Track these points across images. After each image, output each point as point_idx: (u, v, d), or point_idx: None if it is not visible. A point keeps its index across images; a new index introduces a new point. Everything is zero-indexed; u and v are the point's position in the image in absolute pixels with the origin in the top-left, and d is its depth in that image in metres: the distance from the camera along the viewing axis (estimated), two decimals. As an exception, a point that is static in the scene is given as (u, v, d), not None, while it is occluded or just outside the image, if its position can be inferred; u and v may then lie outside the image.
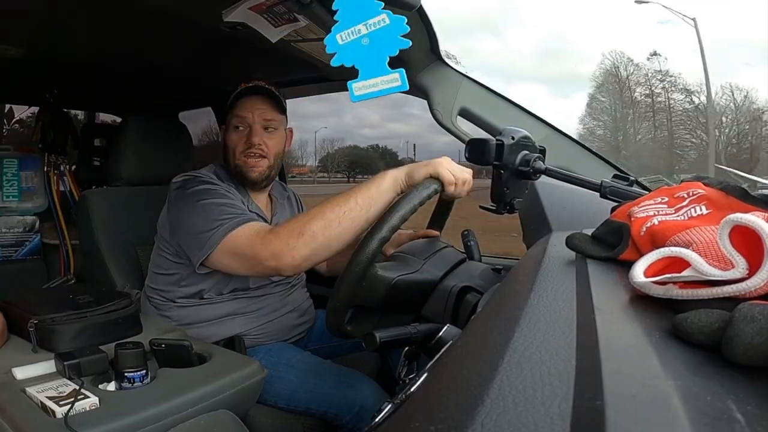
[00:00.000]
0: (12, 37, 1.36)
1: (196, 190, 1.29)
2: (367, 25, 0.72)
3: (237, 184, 1.42)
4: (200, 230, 1.22)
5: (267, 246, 1.12)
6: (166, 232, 1.36)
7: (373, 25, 0.71)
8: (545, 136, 1.36)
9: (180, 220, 1.30)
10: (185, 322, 1.35)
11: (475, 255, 1.17)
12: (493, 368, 0.30)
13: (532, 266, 0.57)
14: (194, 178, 1.34)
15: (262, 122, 1.39)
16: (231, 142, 1.40)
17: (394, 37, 0.71)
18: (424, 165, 1.08)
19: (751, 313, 0.28)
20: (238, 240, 1.17)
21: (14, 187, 2.17)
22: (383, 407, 0.71)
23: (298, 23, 1.08)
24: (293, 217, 1.21)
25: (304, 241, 1.09)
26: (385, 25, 0.71)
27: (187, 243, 1.27)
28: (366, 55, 0.72)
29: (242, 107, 1.38)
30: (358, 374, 1.31)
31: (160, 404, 0.94)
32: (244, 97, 1.39)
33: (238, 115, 1.38)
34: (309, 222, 1.10)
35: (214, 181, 1.34)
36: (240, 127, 1.39)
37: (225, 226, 1.19)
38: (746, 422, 0.22)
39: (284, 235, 1.11)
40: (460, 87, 1.44)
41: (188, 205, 1.27)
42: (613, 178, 0.86)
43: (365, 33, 0.72)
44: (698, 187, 0.52)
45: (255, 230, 1.17)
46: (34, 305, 1.19)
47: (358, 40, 0.72)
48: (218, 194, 1.28)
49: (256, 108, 1.38)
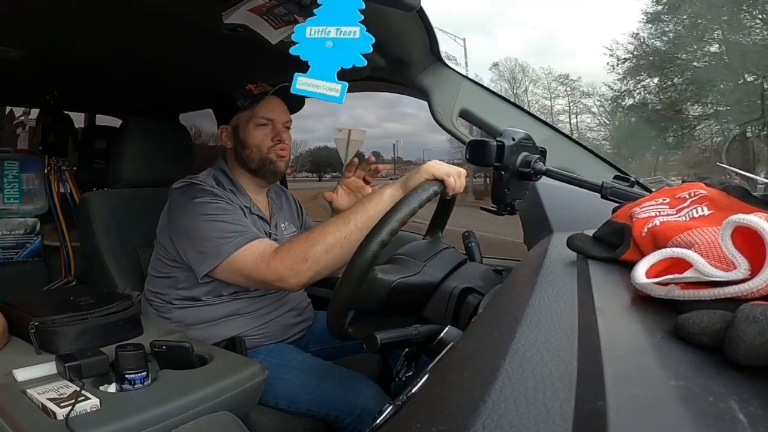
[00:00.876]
0: (12, 39, 1.36)
1: (199, 202, 1.30)
2: (338, 30, 0.73)
3: (237, 189, 1.44)
4: (203, 246, 1.25)
5: (272, 271, 1.18)
6: (165, 239, 1.37)
7: (344, 32, 0.72)
8: (546, 138, 1.36)
9: (182, 231, 1.31)
10: (185, 323, 1.35)
11: (476, 256, 1.16)
12: (495, 369, 0.30)
13: (533, 267, 0.57)
14: (194, 186, 1.35)
15: (283, 122, 1.46)
16: (255, 139, 1.43)
17: (356, 51, 0.72)
18: (416, 172, 1.11)
19: (753, 313, 0.28)
20: (242, 261, 1.22)
21: (15, 189, 2.17)
22: (384, 409, 0.71)
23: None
24: (296, 237, 1.23)
25: (308, 266, 1.15)
26: (353, 38, 0.72)
27: (189, 255, 1.29)
28: (323, 56, 0.73)
29: (267, 108, 1.43)
30: (359, 376, 1.31)
31: (160, 406, 0.94)
32: (269, 98, 1.43)
33: (263, 115, 1.43)
34: (312, 247, 1.15)
35: (216, 190, 1.35)
36: (266, 125, 1.44)
37: (229, 245, 1.22)
38: (749, 423, 0.22)
39: (289, 261, 1.16)
40: (460, 88, 1.44)
41: (190, 217, 1.29)
42: (614, 179, 0.86)
43: (333, 36, 0.73)
44: (700, 188, 0.52)
45: (260, 253, 1.21)
46: (35, 307, 1.19)
47: (323, 41, 0.73)
48: (221, 208, 1.30)
49: (279, 109, 1.45)
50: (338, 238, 1.14)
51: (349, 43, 0.72)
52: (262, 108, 1.42)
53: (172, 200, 1.37)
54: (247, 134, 1.43)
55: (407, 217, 0.90)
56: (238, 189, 1.44)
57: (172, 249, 1.34)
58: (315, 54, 0.74)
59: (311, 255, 1.14)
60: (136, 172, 1.75)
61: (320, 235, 1.16)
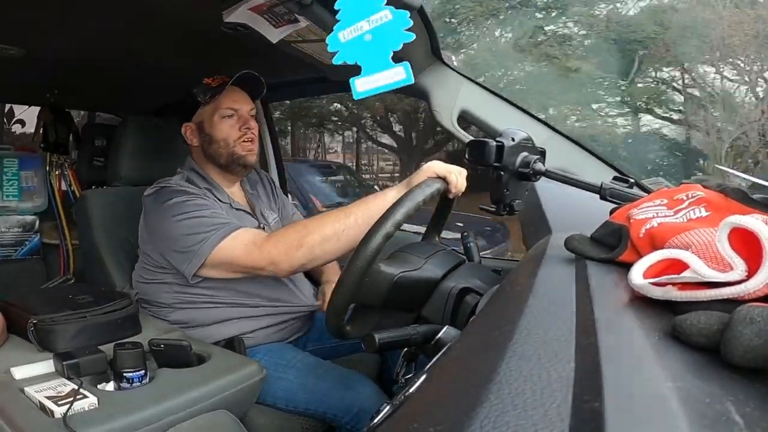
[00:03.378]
0: (13, 38, 1.36)
1: (172, 203, 1.29)
2: (369, 21, 0.71)
3: (213, 186, 1.43)
4: (185, 246, 1.24)
5: (265, 255, 1.18)
6: (147, 247, 1.37)
7: (376, 21, 0.71)
8: (545, 138, 1.37)
9: (160, 236, 1.30)
10: (184, 324, 1.35)
11: (474, 256, 1.16)
12: (493, 370, 0.30)
13: (531, 268, 0.57)
14: (165, 189, 1.34)
15: (248, 110, 1.45)
16: (221, 132, 1.41)
17: (398, 31, 0.70)
18: (418, 172, 1.13)
19: (750, 315, 0.28)
20: (230, 252, 1.21)
21: (14, 187, 2.17)
22: (382, 408, 0.71)
23: (299, 24, 1.08)
24: (292, 224, 1.23)
25: (302, 252, 1.15)
26: (387, 21, 0.71)
27: (173, 258, 1.28)
28: (369, 51, 0.72)
29: (230, 98, 1.42)
30: (357, 375, 1.31)
31: (158, 404, 0.94)
32: (229, 88, 1.41)
33: (227, 106, 1.41)
34: (308, 235, 1.15)
35: (189, 188, 1.34)
36: (231, 116, 1.42)
37: (211, 239, 1.21)
38: (745, 424, 0.22)
39: (283, 245, 1.17)
40: (460, 88, 1.44)
41: (166, 220, 1.28)
42: (613, 180, 0.86)
43: (368, 29, 0.72)
44: (698, 189, 0.52)
45: (250, 239, 1.21)
46: (33, 305, 1.19)
47: (361, 37, 0.72)
48: (196, 204, 1.29)
49: (241, 98, 1.44)
50: (336, 229, 1.14)
51: (387, 27, 0.71)
52: (225, 99, 1.41)
53: (145, 208, 1.37)
54: (213, 128, 1.42)
55: (411, 211, 0.91)
56: (213, 186, 1.43)
57: (157, 256, 1.34)
58: (360, 53, 0.73)
59: (306, 242, 1.15)
60: (135, 170, 1.75)
61: (318, 224, 1.16)
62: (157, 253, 1.33)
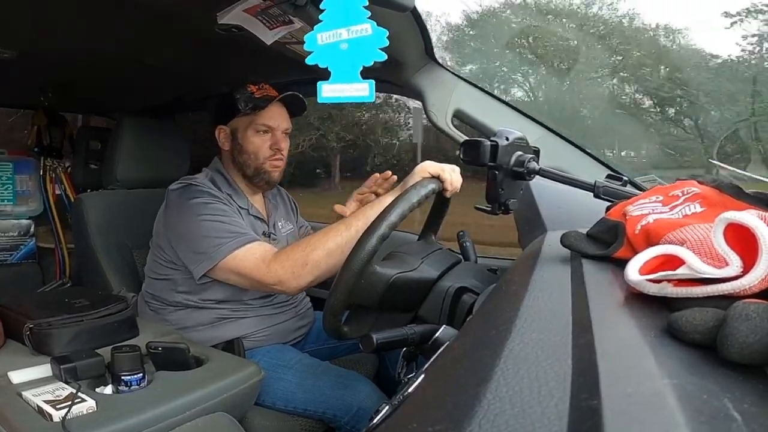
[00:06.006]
0: (6, 40, 1.36)
1: (196, 203, 1.29)
2: (349, 31, 0.72)
3: (234, 191, 1.43)
4: (201, 246, 1.24)
5: (272, 274, 1.18)
6: (162, 240, 1.36)
7: (355, 32, 0.72)
8: (539, 137, 1.37)
9: (179, 232, 1.30)
10: (184, 325, 1.35)
11: (470, 256, 1.17)
12: (490, 369, 0.30)
13: (527, 266, 0.57)
14: (192, 186, 1.34)
15: (283, 129, 1.43)
16: (253, 146, 1.41)
17: (373, 48, 0.71)
18: (411, 175, 1.14)
19: (746, 311, 0.28)
20: (242, 262, 1.22)
21: (9, 191, 2.16)
22: (381, 408, 0.71)
23: (293, 25, 1.08)
24: (297, 242, 1.23)
25: (308, 270, 1.16)
26: (366, 35, 0.71)
27: (187, 256, 1.28)
28: (342, 59, 0.73)
29: (269, 116, 1.40)
30: (355, 375, 1.31)
31: (156, 407, 0.93)
32: (272, 105, 1.40)
33: (264, 123, 1.40)
34: (312, 252, 1.16)
35: (213, 191, 1.34)
36: (266, 132, 1.41)
37: (227, 246, 1.22)
38: (742, 420, 0.22)
39: (289, 265, 1.17)
40: (454, 89, 1.45)
41: (188, 217, 1.28)
42: (607, 178, 0.86)
43: (346, 38, 0.72)
44: (693, 186, 0.52)
45: (260, 255, 1.21)
46: (29, 309, 1.18)
47: (337, 44, 0.73)
48: (218, 209, 1.29)
49: (280, 116, 1.42)
50: (339, 243, 1.15)
51: (364, 41, 0.71)
52: (264, 115, 1.39)
53: (168, 202, 1.37)
54: (246, 140, 1.41)
55: (406, 213, 0.91)
56: (235, 191, 1.43)
57: (170, 250, 1.33)
58: (333, 59, 0.73)
59: (312, 259, 1.15)
60: (131, 173, 1.74)
61: (321, 239, 1.17)
62: (170, 248, 1.33)
